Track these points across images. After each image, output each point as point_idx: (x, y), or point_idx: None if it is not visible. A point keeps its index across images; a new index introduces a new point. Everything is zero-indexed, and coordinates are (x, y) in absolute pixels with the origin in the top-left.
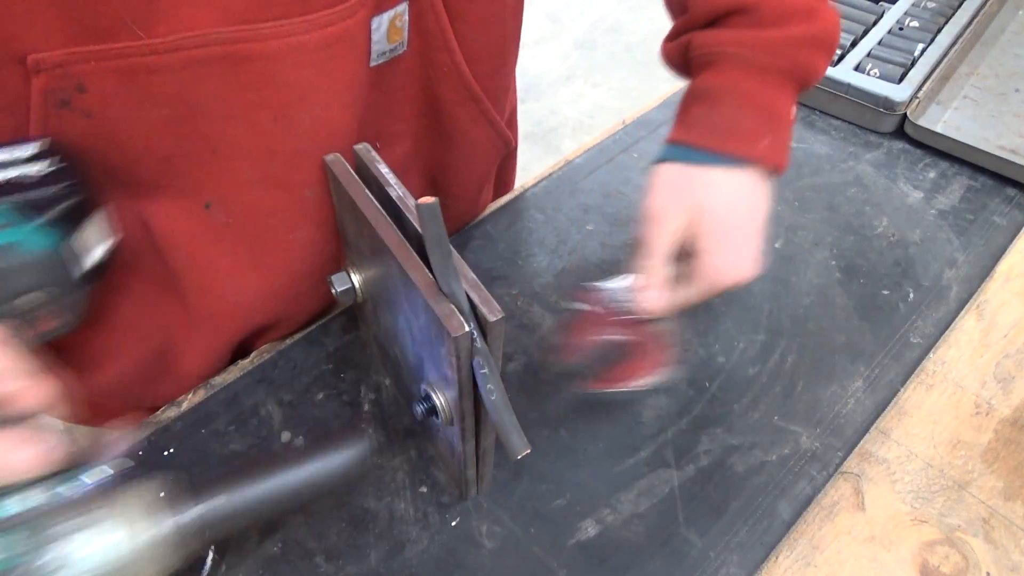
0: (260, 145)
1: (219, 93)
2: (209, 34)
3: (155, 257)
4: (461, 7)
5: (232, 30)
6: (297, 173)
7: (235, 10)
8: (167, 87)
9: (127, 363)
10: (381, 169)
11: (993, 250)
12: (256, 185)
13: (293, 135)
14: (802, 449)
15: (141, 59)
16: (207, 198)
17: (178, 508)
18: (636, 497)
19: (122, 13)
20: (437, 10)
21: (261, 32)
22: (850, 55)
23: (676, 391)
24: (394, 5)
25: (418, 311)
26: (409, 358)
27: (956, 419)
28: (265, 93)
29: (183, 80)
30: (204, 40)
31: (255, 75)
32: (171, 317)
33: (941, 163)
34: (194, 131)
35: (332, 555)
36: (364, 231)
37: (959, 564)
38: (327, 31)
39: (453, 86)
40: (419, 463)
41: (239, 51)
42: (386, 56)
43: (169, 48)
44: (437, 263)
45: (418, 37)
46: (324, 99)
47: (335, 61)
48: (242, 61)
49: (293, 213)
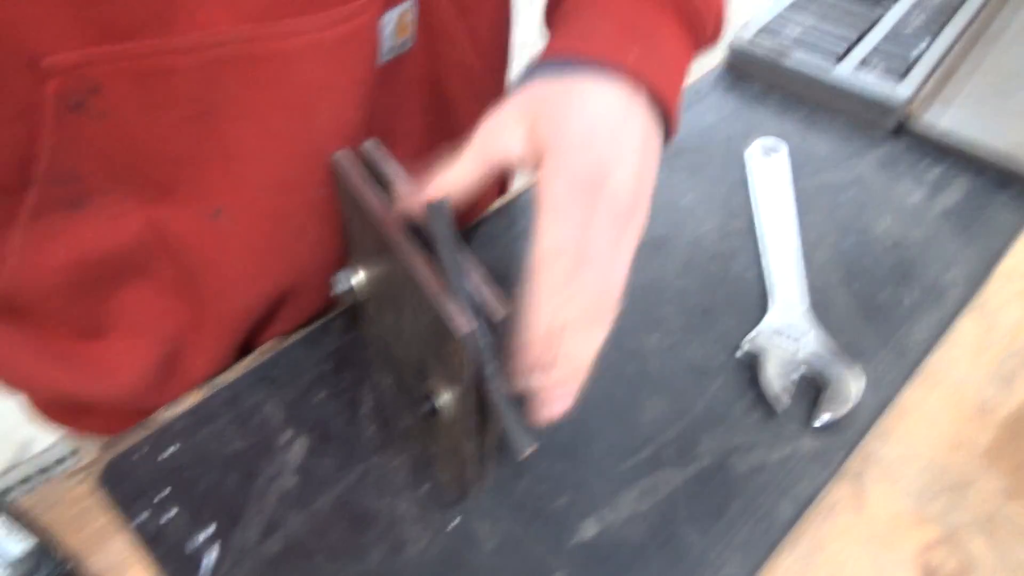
0: (274, 146)
1: (235, 93)
2: (227, 33)
3: (166, 261)
4: (468, 2)
5: (250, 28)
6: (310, 173)
7: (252, 9)
8: (183, 88)
9: (139, 369)
10: (388, 166)
11: (994, 250)
12: (269, 187)
13: (307, 135)
14: (803, 449)
15: (159, 59)
16: (219, 200)
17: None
18: (636, 497)
19: (140, 14)
20: (444, 4)
21: (279, 30)
22: (851, 54)
23: (676, 391)
24: (402, 1)
25: (423, 309)
26: (412, 357)
27: (957, 419)
28: (282, 93)
29: (200, 81)
30: (222, 39)
31: (272, 74)
32: (181, 321)
33: (943, 163)
34: (208, 133)
35: (332, 555)
36: (369, 228)
37: (960, 564)
38: (341, 28)
39: (461, 81)
40: (419, 463)
41: (256, 50)
42: (394, 52)
43: (188, 48)
44: (446, 260)
45: (425, 32)
46: (338, 98)
47: (349, 59)
48: (259, 60)
49: (304, 213)
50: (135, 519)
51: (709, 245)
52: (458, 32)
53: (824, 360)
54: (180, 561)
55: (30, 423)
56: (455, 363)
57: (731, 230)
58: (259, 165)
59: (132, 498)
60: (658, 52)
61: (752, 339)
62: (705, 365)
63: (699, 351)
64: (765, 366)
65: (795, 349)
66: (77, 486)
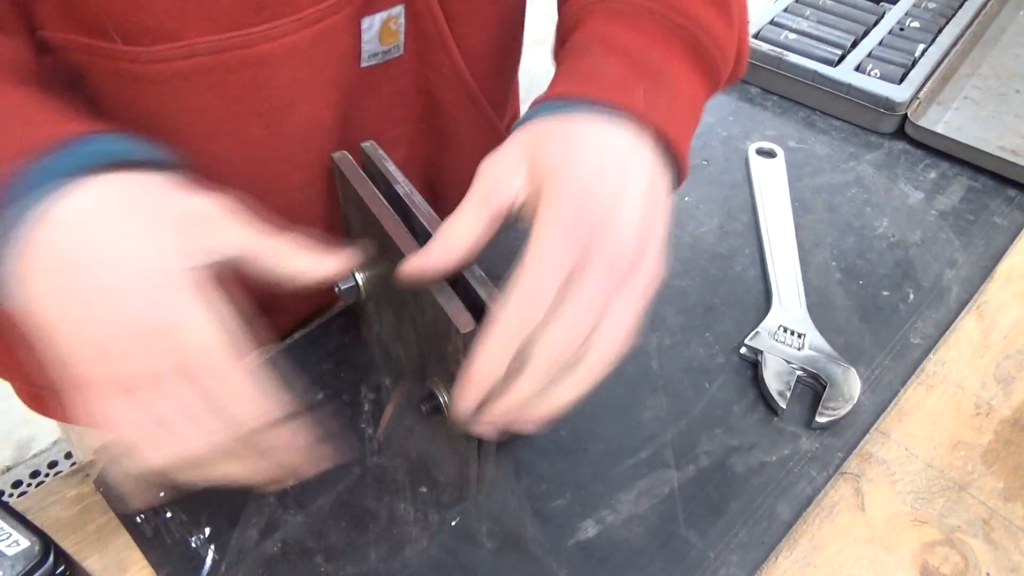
0: (249, 156)
1: (204, 108)
2: (196, 44)
3: None
4: (460, 9)
5: (222, 38)
6: (288, 177)
7: (224, 18)
8: (154, 94)
9: None
10: (388, 166)
11: (994, 251)
12: (244, 195)
13: (283, 140)
14: (802, 450)
15: (127, 65)
16: None
17: None
18: (636, 497)
19: (105, 16)
20: (435, 13)
21: (253, 37)
22: (851, 55)
23: (676, 391)
24: (387, 7)
25: (424, 307)
26: (412, 357)
27: (956, 420)
28: (255, 100)
29: (165, 94)
30: (191, 50)
31: (245, 83)
32: None
33: (942, 164)
34: (178, 139)
35: (332, 555)
36: (370, 227)
37: (959, 565)
38: (313, 28)
39: (452, 88)
40: (419, 463)
41: (229, 59)
42: (379, 58)
43: (156, 58)
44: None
45: (415, 40)
46: (312, 99)
47: (322, 59)
48: (232, 70)
49: (284, 217)
50: (133, 519)
51: (709, 245)
52: (450, 41)
53: (823, 360)
54: (178, 561)
55: (30, 423)
56: (456, 362)
57: (731, 230)
58: (233, 177)
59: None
60: (666, 91)
61: (752, 339)
62: (705, 365)
63: (699, 351)
64: (765, 366)
65: (795, 349)
66: (76, 486)
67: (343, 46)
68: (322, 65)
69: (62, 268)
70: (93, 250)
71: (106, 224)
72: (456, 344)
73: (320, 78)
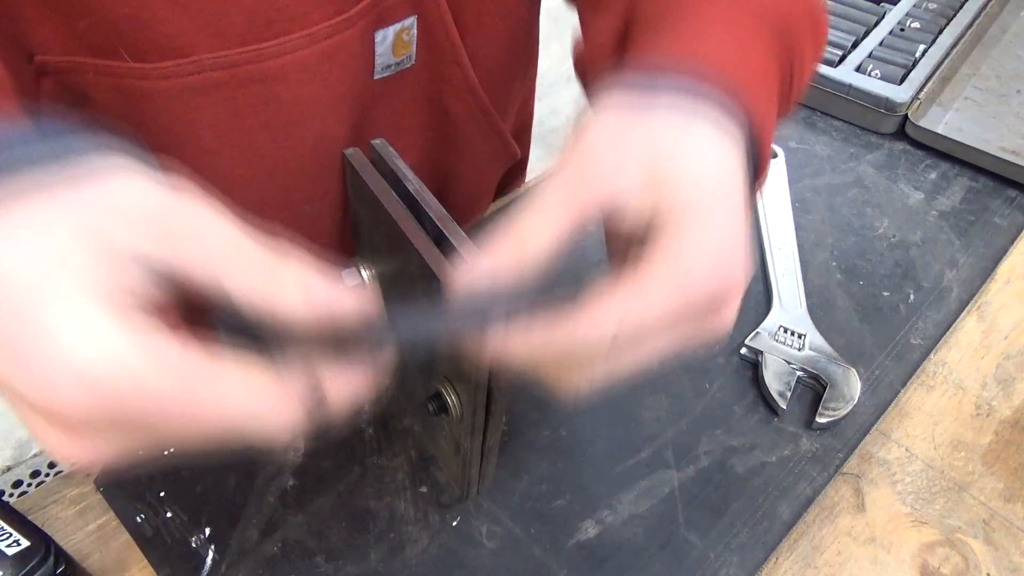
0: (258, 170)
1: (213, 124)
2: (205, 59)
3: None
4: (472, 21)
5: (232, 54)
6: (297, 191)
7: (233, 34)
8: (165, 110)
9: None
10: (399, 164)
11: (994, 251)
12: (251, 207)
13: (294, 154)
14: (802, 450)
15: (138, 82)
16: None
17: None
18: (636, 498)
19: (116, 34)
20: (447, 24)
21: (263, 52)
22: (851, 56)
23: (676, 392)
24: (401, 19)
25: (436, 303)
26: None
27: (957, 420)
28: (265, 115)
29: (174, 110)
30: (200, 66)
31: (255, 98)
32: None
33: (942, 164)
34: (188, 155)
35: (332, 555)
36: (381, 224)
37: (959, 565)
38: (326, 43)
39: (462, 98)
40: (419, 463)
41: (239, 74)
42: (392, 69)
43: (167, 73)
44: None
45: (427, 51)
46: (323, 114)
47: (333, 74)
48: (242, 85)
49: (291, 230)
50: (133, 519)
51: None
52: (461, 51)
53: (824, 361)
54: (178, 561)
55: None
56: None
57: None
58: (241, 185)
59: (131, 498)
60: (754, 73)
61: (752, 340)
62: (705, 365)
63: (699, 351)
64: (765, 367)
65: (795, 350)
66: (76, 486)
67: (355, 60)
68: (333, 79)
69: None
70: None
71: None
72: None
73: (331, 92)
